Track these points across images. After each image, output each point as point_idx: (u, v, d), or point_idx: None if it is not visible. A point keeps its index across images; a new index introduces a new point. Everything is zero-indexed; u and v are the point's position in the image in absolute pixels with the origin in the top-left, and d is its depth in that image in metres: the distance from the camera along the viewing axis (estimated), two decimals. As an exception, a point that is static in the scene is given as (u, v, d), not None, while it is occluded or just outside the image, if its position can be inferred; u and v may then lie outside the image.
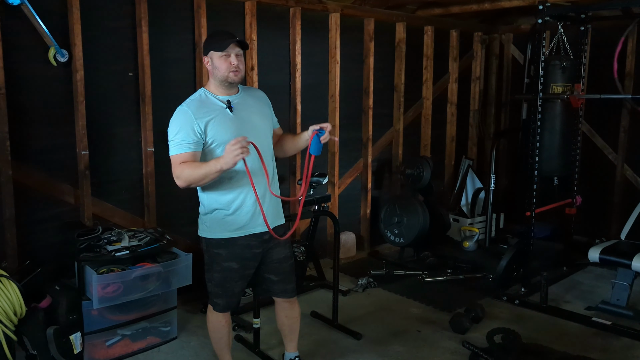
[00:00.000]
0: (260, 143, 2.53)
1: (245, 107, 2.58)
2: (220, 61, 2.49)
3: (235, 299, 2.71)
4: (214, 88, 2.57)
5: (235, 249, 2.58)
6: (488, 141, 6.22)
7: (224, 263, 2.60)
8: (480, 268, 4.66)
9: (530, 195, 4.08)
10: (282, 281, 2.73)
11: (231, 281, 2.63)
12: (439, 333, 3.55)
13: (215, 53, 2.49)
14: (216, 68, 2.50)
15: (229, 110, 2.52)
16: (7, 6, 3.09)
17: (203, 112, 2.47)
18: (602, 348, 3.36)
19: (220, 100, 2.54)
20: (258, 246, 2.61)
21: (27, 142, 3.34)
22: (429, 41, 5.47)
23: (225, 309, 2.71)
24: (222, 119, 2.49)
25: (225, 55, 2.48)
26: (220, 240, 2.58)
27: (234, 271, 2.61)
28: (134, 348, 3.25)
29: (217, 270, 2.63)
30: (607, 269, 4.55)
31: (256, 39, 4.19)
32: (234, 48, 2.49)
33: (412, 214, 4.79)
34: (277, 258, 2.68)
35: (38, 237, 3.43)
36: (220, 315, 2.73)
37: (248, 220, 2.55)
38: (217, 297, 2.68)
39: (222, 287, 2.65)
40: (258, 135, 2.55)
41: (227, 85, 2.54)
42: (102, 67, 3.58)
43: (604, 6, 4.36)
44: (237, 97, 2.59)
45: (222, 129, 2.48)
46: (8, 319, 2.85)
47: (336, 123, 4.79)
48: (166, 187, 3.91)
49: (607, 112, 5.21)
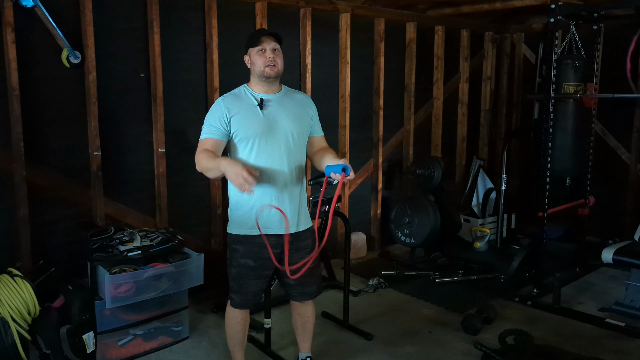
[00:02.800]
0: (286, 144, 2.56)
1: (279, 108, 2.59)
2: (256, 56, 2.54)
3: (250, 297, 2.70)
4: (253, 84, 2.62)
5: (253, 247, 2.59)
6: (499, 141, 6.18)
7: (241, 259, 2.62)
8: (492, 269, 4.64)
9: (543, 195, 4.05)
10: (299, 284, 2.71)
11: (246, 278, 2.64)
12: (450, 334, 3.54)
13: (252, 49, 2.55)
14: (253, 64, 2.56)
15: (259, 108, 2.55)
16: (21, 8, 3.12)
17: (234, 105, 2.54)
18: (615, 350, 3.33)
19: (255, 97, 2.57)
20: (277, 246, 2.58)
21: (40, 143, 3.37)
22: (439, 41, 5.46)
23: (241, 305, 2.71)
24: (249, 115, 2.53)
25: (261, 49, 2.52)
26: (239, 236, 2.61)
27: (250, 269, 2.62)
28: (146, 348, 3.27)
29: (234, 265, 2.66)
30: (620, 270, 4.50)
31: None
32: (270, 43, 2.53)
33: (422, 215, 4.77)
34: (297, 263, 2.65)
35: (51, 237, 3.46)
36: (237, 311, 2.74)
37: (265, 220, 2.55)
38: (233, 292, 2.70)
39: (237, 283, 2.66)
40: (284, 136, 2.57)
41: (264, 80, 2.56)
42: (114, 69, 3.60)
43: (617, 5, 4.32)
44: (275, 97, 2.61)
45: (247, 124, 2.51)
46: (22, 318, 2.88)
47: (346, 123, 4.79)
48: (177, 187, 3.95)
49: (620, 111, 5.16)
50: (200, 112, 3.99)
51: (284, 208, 2.54)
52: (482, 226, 5.37)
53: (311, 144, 2.73)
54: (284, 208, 2.54)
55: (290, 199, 2.59)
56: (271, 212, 2.53)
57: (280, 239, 2.56)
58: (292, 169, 2.59)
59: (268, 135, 2.52)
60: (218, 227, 4.14)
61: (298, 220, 2.64)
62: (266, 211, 2.53)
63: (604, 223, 5.23)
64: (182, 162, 3.94)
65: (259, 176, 2.45)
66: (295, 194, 2.62)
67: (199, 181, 4.06)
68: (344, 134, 4.82)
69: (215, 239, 4.16)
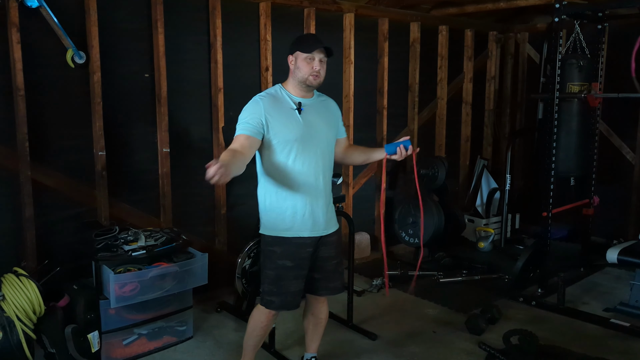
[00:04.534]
0: (322, 150, 2.61)
1: (315, 113, 2.62)
2: (303, 63, 2.53)
3: (290, 298, 2.66)
4: (291, 87, 2.61)
5: (290, 247, 2.59)
6: (503, 141, 6.17)
7: (278, 261, 2.60)
8: (496, 269, 4.63)
9: (547, 195, 4.05)
10: (324, 279, 2.73)
11: (285, 279, 2.62)
12: (454, 334, 3.54)
13: (300, 54, 2.54)
14: (298, 68, 2.54)
15: (298, 112, 2.56)
16: (26, 9, 3.13)
17: (273, 107, 2.52)
18: (620, 350, 3.32)
19: (293, 101, 2.58)
20: (310, 245, 2.62)
21: (45, 143, 3.38)
22: (443, 41, 5.45)
23: (282, 307, 2.67)
24: (288, 118, 2.53)
25: (310, 58, 2.52)
26: (275, 238, 2.60)
27: (289, 269, 2.61)
28: (151, 347, 3.28)
29: (271, 267, 2.62)
30: (625, 270, 4.49)
31: (271, 40, 4.20)
32: (320, 53, 2.54)
33: (426, 215, 4.77)
34: (321, 257, 2.68)
35: (56, 237, 3.47)
36: (263, 315, 2.70)
37: (298, 221, 2.57)
38: (272, 295, 2.64)
39: (276, 285, 2.62)
40: (321, 141, 2.61)
41: (304, 87, 2.58)
42: (118, 69, 3.61)
43: (622, 4, 4.31)
44: (310, 101, 2.63)
45: (286, 128, 2.52)
46: (27, 317, 2.89)
47: (350, 123, 4.79)
48: (182, 187, 3.95)
49: (625, 111, 5.14)
50: (204, 112, 4.03)
51: (318, 210, 2.60)
52: (486, 226, 5.36)
53: (338, 145, 2.81)
54: (319, 210, 2.60)
55: (324, 202, 2.64)
56: (304, 215, 2.56)
57: (312, 240, 2.62)
58: (326, 173, 2.65)
59: (306, 140, 2.55)
60: (222, 227, 4.14)
61: (327, 222, 2.67)
62: (299, 214, 2.56)
63: (609, 223, 5.22)
64: (186, 162, 3.95)
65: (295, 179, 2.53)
66: (328, 196, 2.67)
67: (203, 181, 4.03)
68: (348, 133, 4.80)
69: (219, 239, 4.17)
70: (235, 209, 4.24)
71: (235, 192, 4.22)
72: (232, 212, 4.22)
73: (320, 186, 2.61)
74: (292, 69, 2.58)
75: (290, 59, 2.58)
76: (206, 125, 4.05)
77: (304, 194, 2.56)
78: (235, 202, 4.24)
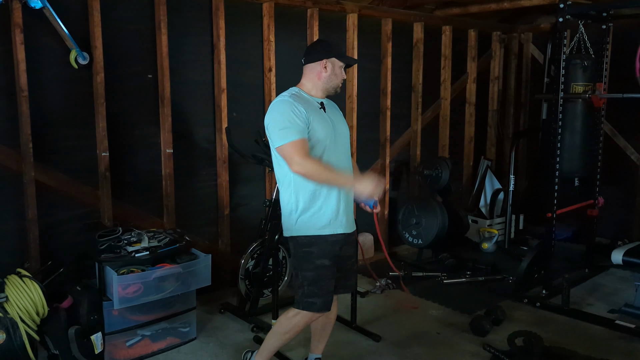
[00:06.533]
0: (344, 146, 2.68)
1: (331, 112, 2.67)
2: (339, 71, 2.62)
3: (329, 298, 2.65)
4: (312, 90, 2.63)
5: (326, 246, 2.58)
6: (507, 141, 6.15)
7: (317, 261, 2.58)
8: (500, 270, 4.62)
9: (551, 196, 4.03)
10: (343, 277, 2.74)
11: (325, 279, 2.60)
12: (458, 335, 3.52)
13: (337, 61, 2.60)
14: (335, 75, 2.61)
15: (323, 110, 2.61)
16: (30, 10, 3.13)
17: (307, 107, 2.53)
18: (625, 351, 3.30)
19: (316, 101, 2.62)
20: (341, 243, 2.64)
21: (49, 143, 3.38)
22: (447, 41, 5.44)
23: (323, 308, 2.63)
24: (320, 117, 2.57)
25: (344, 67, 2.62)
26: (311, 237, 2.58)
27: (327, 268, 2.59)
28: (154, 348, 3.27)
29: (309, 269, 2.59)
30: (630, 271, 4.45)
31: (274, 40, 4.20)
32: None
33: (430, 215, 4.76)
34: (343, 255, 2.70)
35: (60, 238, 3.47)
36: (305, 319, 2.65)
37: (334, 219, 2.58)
38: (313, 297, 2.59)
39: (317, 286, 2.59)
40: (344, 138, 2.68)
41: (325, 91, 2.64)
42: (122, 70, 3.61)
43: (626, 4, 4.30)
44: (325, 101, 2.68)
45: (320, 127, 2.53)
46: (31, 318, 2.89)
47: (354, 124, 4.78)
48: (185, 188, 3.95)
49: (630, 111, 5.12)
50: (207, 113, 4.03)
51: (349, 207, 2.66)
52: (490, 227, 5.35)
53: None
54: (350, 207, 2.67)
55: (351, 198, 2.69)
56: (339, 212, 2.59)
57: (349, 237, 2.68)
58: (350, 169, 2.70)
59: (333, 137, 2.58)
60: (225, 228, 4.14)
61: (353, 219, 2.73)
62: (337, 211, 2.58)
63: (614, 224, 5.20)
64: (189, 162, 3.95)
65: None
66: (352, 194, 2.68)
67: (207, 182, 4.07)
68: (351, 134, 4.81)
69: (222, 240, 4.16)
70: (239, 210, 4.24)
71: (238, 193, 4.22)
72: (236, 213, 4.21)
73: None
74: (320, 72, 2.59)
75: (324, 63, 2.58)
76: (209, 126, 4.05)
77: (338, 190, 2.58)
78: (239, 203, 4.23)
